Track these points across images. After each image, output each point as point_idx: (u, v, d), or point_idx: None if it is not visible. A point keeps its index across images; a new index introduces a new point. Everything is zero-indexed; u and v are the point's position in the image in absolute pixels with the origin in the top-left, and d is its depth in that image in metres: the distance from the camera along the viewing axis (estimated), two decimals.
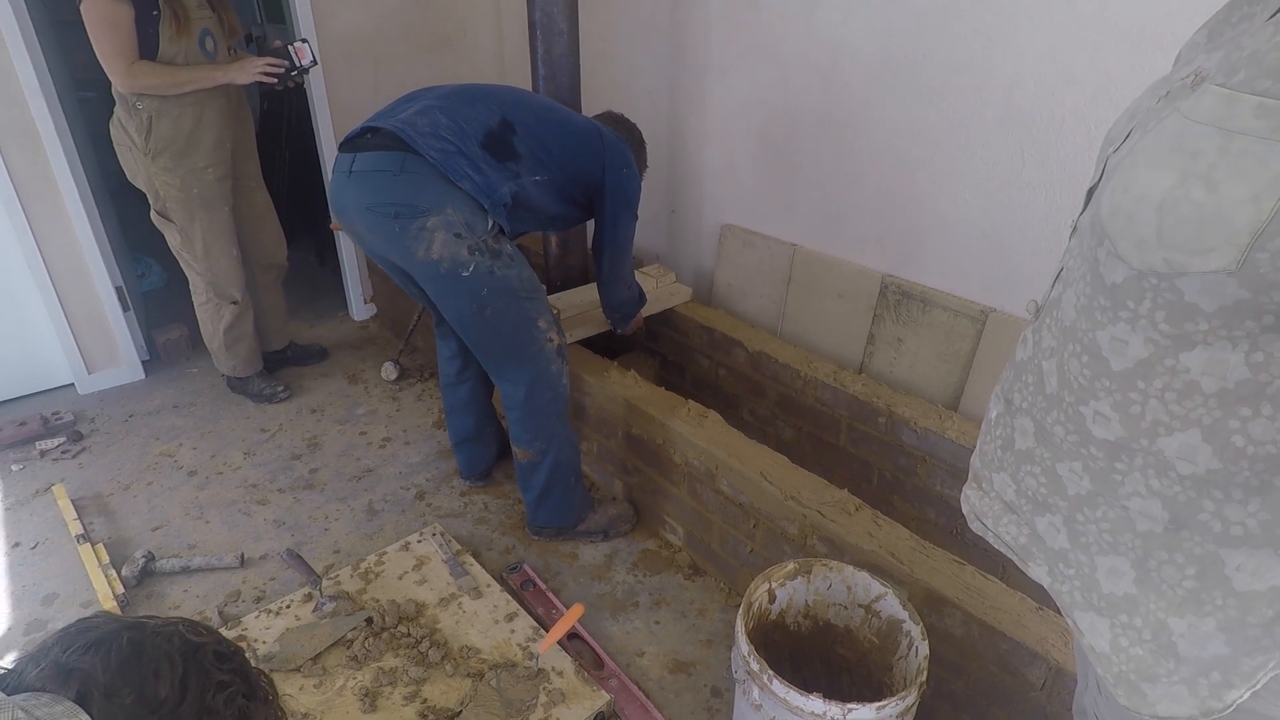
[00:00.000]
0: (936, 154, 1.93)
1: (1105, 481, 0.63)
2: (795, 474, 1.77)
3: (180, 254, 2.55)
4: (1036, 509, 0.70)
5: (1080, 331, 0.62)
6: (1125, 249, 0.55)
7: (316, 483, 2.39)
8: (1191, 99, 0.52)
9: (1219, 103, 0.49)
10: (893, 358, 2.17)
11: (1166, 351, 0.55)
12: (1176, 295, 0.53)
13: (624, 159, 1.93)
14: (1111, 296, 0.58)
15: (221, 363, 2.78)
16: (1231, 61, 0.51)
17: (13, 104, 2.44)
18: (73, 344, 2.79)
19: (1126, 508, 0.62)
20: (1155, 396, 0.57)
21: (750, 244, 2.50)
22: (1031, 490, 0.70)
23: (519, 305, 1.81)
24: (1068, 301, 0.64)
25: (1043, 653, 1.29)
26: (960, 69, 1.81)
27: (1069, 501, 0.66)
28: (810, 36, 2.11)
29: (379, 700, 1.60)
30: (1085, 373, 0.62)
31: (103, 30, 2.11)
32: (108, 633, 0.78)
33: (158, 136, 2.29)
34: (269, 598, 1.94)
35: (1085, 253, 0.61)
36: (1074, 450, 0.65)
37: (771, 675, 1.19)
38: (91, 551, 2.03)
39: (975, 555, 1.90)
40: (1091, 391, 0.62)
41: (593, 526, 2.11)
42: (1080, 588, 0.66)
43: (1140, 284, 0.55)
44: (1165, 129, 0.53)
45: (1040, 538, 0.70)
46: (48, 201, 2.59)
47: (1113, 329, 0.58)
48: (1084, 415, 0.63)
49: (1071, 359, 0.64)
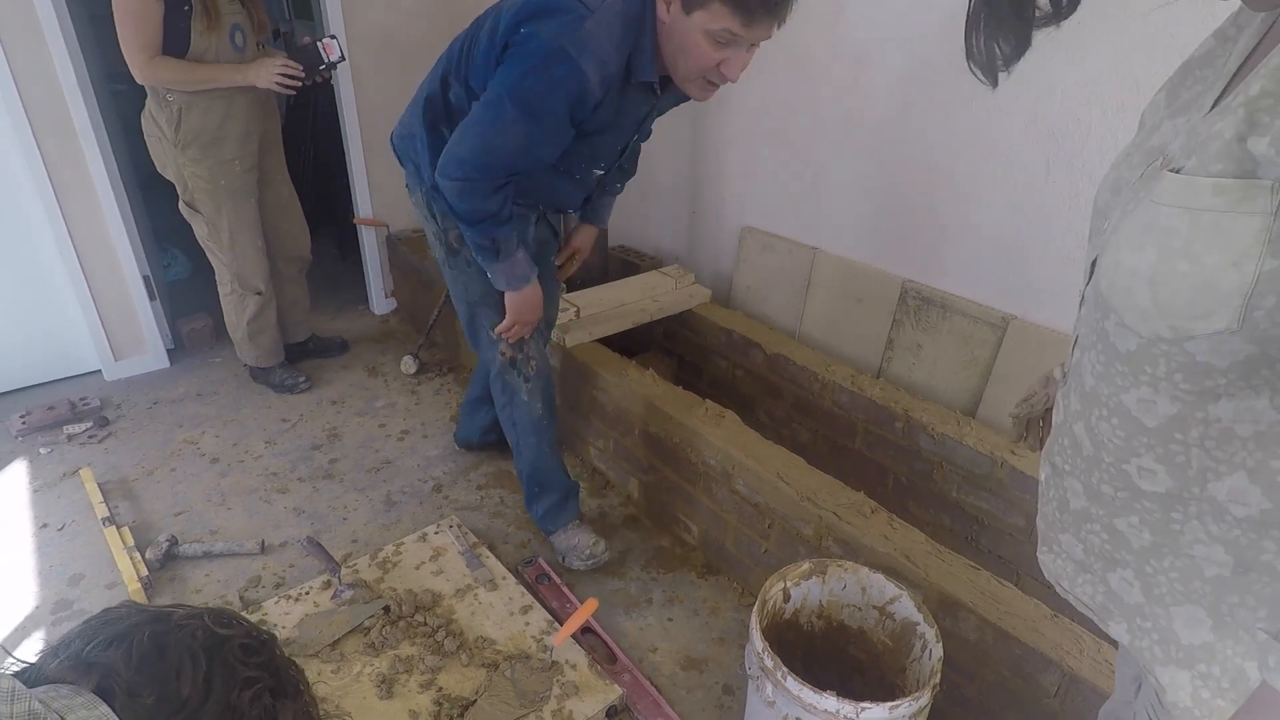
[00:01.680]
0: (960, 160, 1.93)
1: (1165, 532, 0.63)
2: (812, 475, 1.78)
3: (207, 244, 2.59)
4: (1107, 565, 0.70)
5: (1104, 396, 0.64)
6: (1131, 320, 0.58)
7: (336, 473, 2.43)
8: (1157, 184, 0.56)
9: (1180, 187, 0.53)
10: (911, 363, 2.17)
11: (1195, 405, 0.57)
12: (1188, 357, 0.55)
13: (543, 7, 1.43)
14: (1128, 363, 0.61)
15: (244, 353, 2.83)
16: (1189, 147, 0.55)
17: (50, 96, 2.49)
18: (101, 331, 2.85)
19: (1192, 556, 0.62)
20: (1196, 445, 0.58)
21: (770, 247, 2.51)
22: (1098, 547, 0.70)
23: (470, 309, 1.87)
24: (1085, 368, 0.67)
25: (1057, 659, 1.29)
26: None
27: (1135, 555, 0.66)
28: (836, 40, 2.11)
29: (395, 687, 1.63)
30: (1119, 433, 0.63)
31: (129, 22, 2.16)
32: (130, 626, 0.75)
33: (187, 128, 2.34)
34: (288, 584, 1.97)
35: (1094, 323, 0.64)
36: (1127, 505, 0.65)
37: (786, 672, 1.20)
38: (117, 534, 2.07)
39: (990, 562, 1.90)
40: (1131, 450, 0.63)
41: (559, 543, 2.05)
42: (1159, 641, 0.65)
43: (1152, 350, 0.58)
44: (1140, 212, 0.57)
45: (1116, 594, 0.69)
46: (80, 191, 2.65)
47: (1137, 391, 0.61)
48: (1128, 473, 0.64)
49: (1100, 422, 0.65)
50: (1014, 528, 1.83)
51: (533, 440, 1.99)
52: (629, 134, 1.71)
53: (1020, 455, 1.80)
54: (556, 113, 1.47)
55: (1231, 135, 0.50)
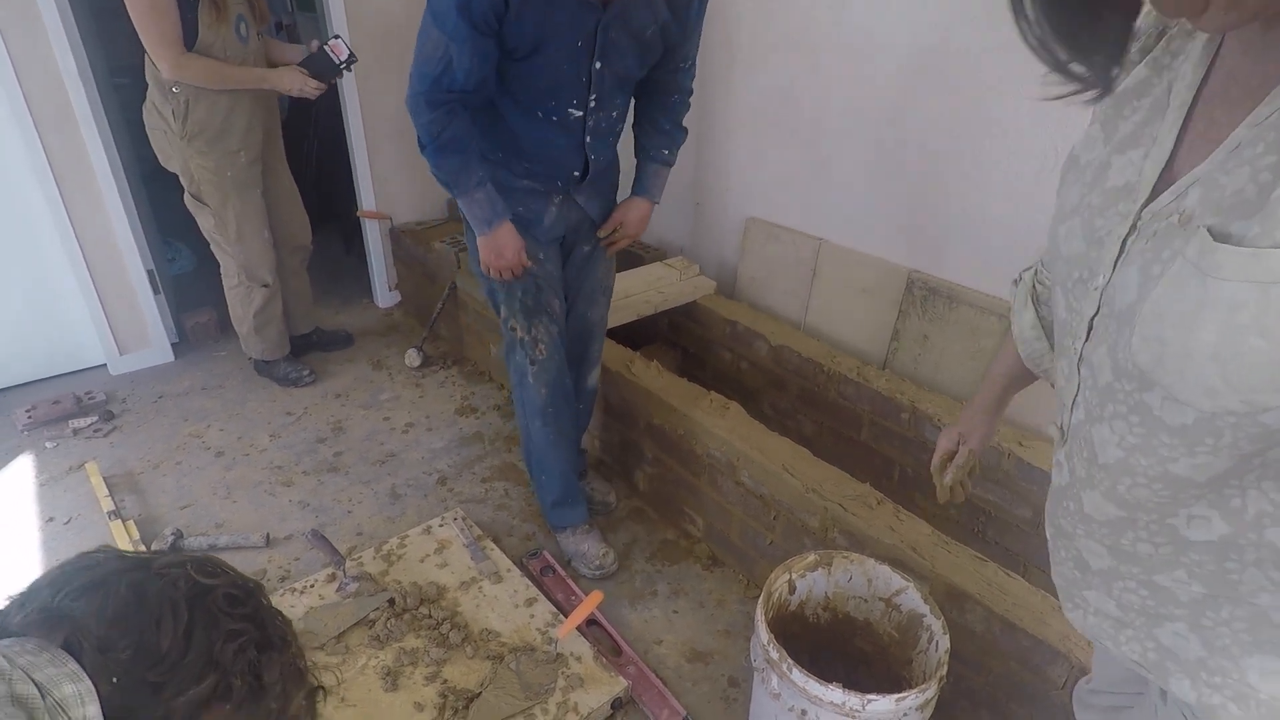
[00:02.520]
0: (967, 148, 1.91)
1: (1221, 583, 0.60)
2: (817, 467, 1.77)
3: (213, 237, 2.59)
4: (1151, 621, 0.65)
5: (1141, 467, 0.60)
6: (1190, 397, 0.53)
7: (340, 466, 2.43)
8: (1203, 255, 0.51)
9: (1245, 260, 0.48)
10: (918, 354, 2.16)
11: (1253, 454, 0.54)
12: (1261, 428, 0.52)
13: None
14: (1181, 436, 0.56)
15: (250, 346, 2.83)
16: (1218, 203, 0.51)
17: (53, 91, 2.49)
18: (105, 325, 2.85)
19: (1255, 604, 0.58)
20: (1254, 487, 0.56)
21: (775, 237, 2.49)
22: (1136, 604, 0.66)
23: (486, 281, 1.85)
24: (1108, 440, 0.62)
25: (1065, 651, 1.28)
26: (992, 61, 1.79)
27: (1186, 608, 0.62)
28: (841, 27, 2.09)
29: (400, 679, 1.63)
30: (1163, 494, 0.59)
31: (150, 18, 2.14)
32: (107, 573, 0.69)
33: (194, 120, 2.34)
34: (294, 577, 1.97)
35: (1122, 396, 0.59)
36: (1171, 559, 0.62)
37: (791, 664, 1.20)
38: (122, 528, 2.07)
39: (997, 554, 1.89)
40: (1179, 503, 0.59)
41: (566, 545, 2.05)
42: (1234, 697, 0.62)
43: (1216, 423, 0.54)
44: (1181, 284, 0.52)
45: (1169, 650, 0.65)
46: (83, 185, 2.64)
47: (1191, 460, 0.57)
48: (1174, 526, 0.60)
49: (1136, 489, 0.61)
50: (1021, 519, 1.82)
51: (538, 425, 1.97)
52: (581, 59, 1.56)
53: (1027, 446, 1.78)
54: (451, 16, 1.42)
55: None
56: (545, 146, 1.70)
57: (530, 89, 1.60)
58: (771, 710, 1.28)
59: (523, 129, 1.67)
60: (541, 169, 1.74)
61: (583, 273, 1.96)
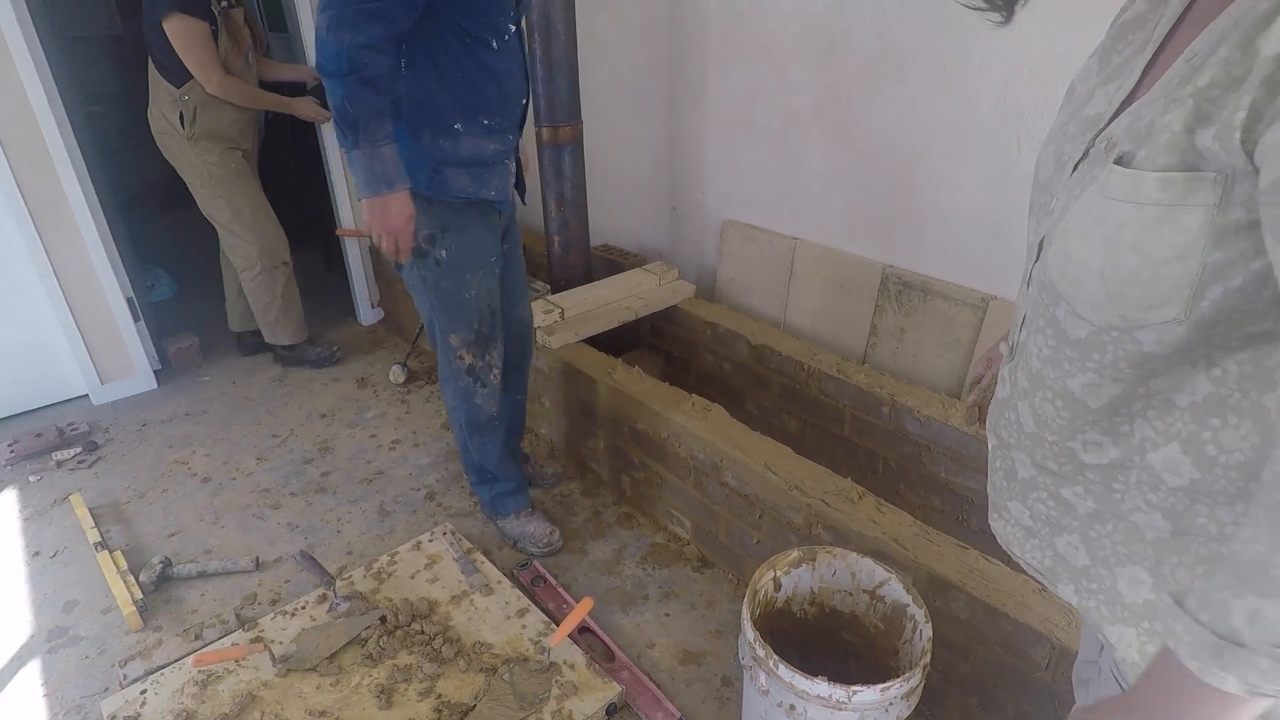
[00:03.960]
0: (934, 144, 1.94)
1: (1107, 500, 0.65)
2: (799, 464, 1.79)
3: (230, 228, 2.78)
4: (1053, 530, 0.72)
5: (1049, 380, 0.66)
6: (1083, 309, 0.59)
7: (328, 486, 2.43)
8: (1105, 175, 0.56)
9: (1129, 182, 0.53)
10: (895, 348, 2.19)
11: (1137, 383, 0.59)
12: (1136, 345, 0.57)
13: None
14: (1077, 349, 0.62)
15: (278, 334, 3.00)
16: (1135, 131, 0.55)
17: (23, 122, 2.48)
18: (86, 356, 2.84)
19: (1133, 521, 0.64)
20: (1139, 415, 0.61)
21: (752, 239, 2.51)
22: (1044, 514, 0.72)
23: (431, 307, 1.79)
24: (1033, 350, 0.68)
25: (1046, 633, 1.30)
26: (956, 58, 1.82)
27: (1080, 520, 0.68)
28: (805, 27, 2.12)
29: (394, 697, 1.63)
30: (1064, 414, 0.65)
31: (195, 44, 2.44)
32: None
33: (201, 123, 2.61)
34: (284, 599, 1.97)
35: (1044, 309, 0.65)
36: (1072, 477, 0.68)
37: (777, 660, 1.21)
38: (110, 558, 2.06)
39: (980, 541, 1.91)
40: (1075, 428, 0.65)
41: (509, 529, 2.13)
42: (1105, 601, 0.67)
43: (1102, 338, 0.59)
44: (1089, 203, 0.58)
45: (1063, 558, 0.71)
46: (58, 216, 2.63)
47: (1083, 377, 0.62)
48: (1073, 449, 0.66)
49: (1045, 404, 0.67)
50: None
51: (480, 440, 2.01)
52: None
53: None
54: None
55: (1180, 128, 0.50)
56: (506, 79, 1.55)
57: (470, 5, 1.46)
58: (761, 707, 1.29)
59: (475, 68, 1.50)
60: (500, 118, 1.60)
61: (510, 261, 1.83)
